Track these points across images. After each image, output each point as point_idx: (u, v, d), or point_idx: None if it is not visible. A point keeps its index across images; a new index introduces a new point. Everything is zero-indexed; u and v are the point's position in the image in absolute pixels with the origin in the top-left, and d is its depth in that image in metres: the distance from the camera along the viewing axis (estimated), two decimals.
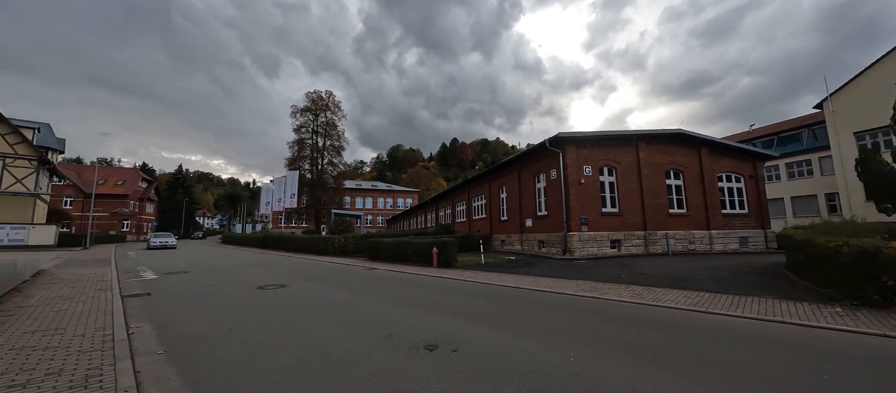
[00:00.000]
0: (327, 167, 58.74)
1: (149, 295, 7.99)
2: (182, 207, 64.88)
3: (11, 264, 7.93)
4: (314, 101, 58.96)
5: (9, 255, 15.87)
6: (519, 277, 10.44)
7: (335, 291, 8.47)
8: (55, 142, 35.50)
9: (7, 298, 7.09)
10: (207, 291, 8.56)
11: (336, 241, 21.15)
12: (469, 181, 26.78)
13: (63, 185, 43.49)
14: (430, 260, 13.66)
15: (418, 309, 6.41)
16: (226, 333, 4.97)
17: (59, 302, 6.83)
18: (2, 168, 26.64)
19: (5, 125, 26.99)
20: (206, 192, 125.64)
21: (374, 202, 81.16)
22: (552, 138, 14.77)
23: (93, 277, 10.64)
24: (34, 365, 3.61)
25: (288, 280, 10.23)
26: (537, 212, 17.18)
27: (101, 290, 8.35)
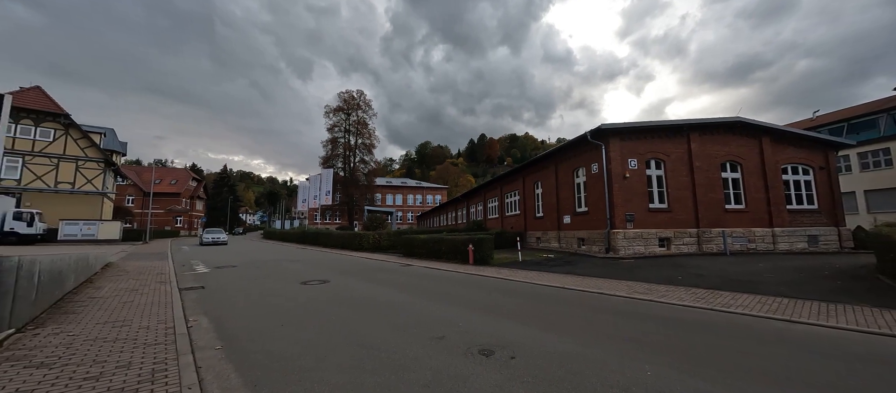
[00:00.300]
0: (359, 165, 60.09)
1: (202, 288, 8.38)
2: (227, 205, 69.13)
3: (85, 257, 8.60)
4: (346, 100, 60.40)
5: (82, 248, 17.51)
6: (561, 276, 9.95)
7: (375, 288, 8.45)
8: (118, 145, 38.83)
9: (81, 288, 7.67)
10: (255, 285, 8.85)
11: (370, 237, 21.48)
12: (501, 177, 26.24)
13: (125, 185, 47.67)
14: (465, 257, 13.44)
15: (463, 309, 6.19)
16: (277, 328, 5.00)
17: (125, 294, 7.29)
18: (75, 170, 29.52)
19: (78, 131, 29.83)
20: (248, 191, 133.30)
21: (404, 199, 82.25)
22: (594, 130, 13.99)
23: (153, 269, 11.39)
24: (106, 356, 3.76)
25: (328, 276, 10.40)
26: (576, 208, 16.42)
27: (160, 282, 8.87)
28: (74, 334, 4.50)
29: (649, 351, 4.01)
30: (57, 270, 6.10)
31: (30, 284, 4.78)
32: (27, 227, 23.87)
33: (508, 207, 24.69)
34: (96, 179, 30.29)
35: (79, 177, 29.58)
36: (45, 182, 28.24)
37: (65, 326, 4.89)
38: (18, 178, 27.27)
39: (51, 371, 3.34)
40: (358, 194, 57.56)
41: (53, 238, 25.90)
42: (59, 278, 6.31)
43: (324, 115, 59.44)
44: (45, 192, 28.07)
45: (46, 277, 5.50)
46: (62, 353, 3.84)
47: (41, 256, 5.41)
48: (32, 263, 4.84)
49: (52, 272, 5.83)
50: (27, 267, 4.65)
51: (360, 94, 61.88)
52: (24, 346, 3.99)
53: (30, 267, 4.74)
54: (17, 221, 23.64)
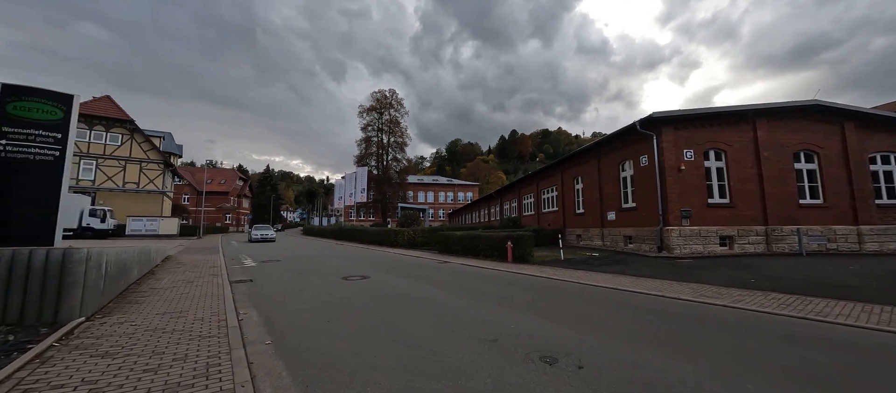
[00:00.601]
0: (391, 163, 61.03)
1: (251, 282, 8.63)
2: (270, 203, 73.14)
3: (147, 251, 9.17)
4: (379, 100, 61.51)
5: (145, 242, 19.05)
6: (611, 276, 9.23)
7: (416, 285, 8.27)
8: (175, 147, 42.17)
9: (144, 279, 8.16)
10: (299, 279, 9.00)
11: (405, 234, 21.56)
12: (538, 173, 25.34)
13: (181, 185, 51.74)
14: (503, 254, 12.99)
15: (511, 309, 5.81)
16: (324, 325, 4.91)
17: (182, 285, 7.64)
18: (139, 171, 32.35)
19: (141, 135, 32.65)
20: (288, 189, 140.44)
21: (436, 196, 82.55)
22: (644, 119, 12.93)
23: (206, 263, 12.03)
24: (164, 348, 3.80)
25: (368, 272, 10.40)
26: (622, 204, 15.37)
27: (213, 275, 9.27)
28: (136, 324, 4.66)
29: (742, 365, 3.42)
30: (122, 262, 6.47)
31: (98, 275, 5.03)
32: (101, 223, 26.46)
33: (545, 204, 23.79)
34: (157, 179, 33.02)
35: (142, 177, 32.39)
36: (115, 182, 31.19)
37: (129, 315, 5.11)
38: (93, 179, 30.32)
39: (114, 362, 3.40)
40: (391, 192, 58.54)
41: (122, 233, 28.54)
42: (124, 270, 6.69)
43: (358, 115, 60.98)
44: (115, 191, 31.01)
45: (113, 269, 5.81)
46: (125, 343, 3.94)
47: (108, 249, 5.72)
48: (100, 255, 5.10)
49: (118, 264, 6.17)
50: (95, 259, 4.88)
51: (392, 93, 62.78)
52: (91, 334, 4.16)
53: (97, 259, 4.99)
54: (93, 217, 26.25)
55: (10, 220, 4.68)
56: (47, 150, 4.98)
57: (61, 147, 5.10)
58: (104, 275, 5.34)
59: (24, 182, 4.79)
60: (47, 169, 4.95)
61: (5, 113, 4.73)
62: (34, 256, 4.39)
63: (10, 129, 4.76)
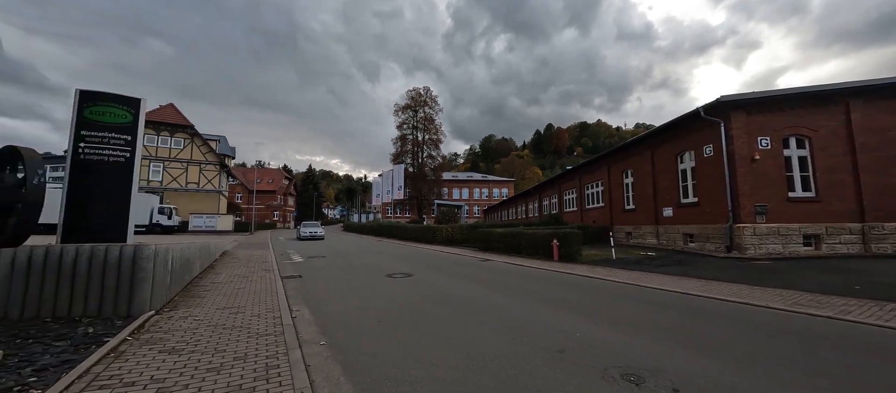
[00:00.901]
0: (426, 160, 61.37)
1: (300, 278, 8.83)
2: (313, 200, 76.77)
3: (207, 246, 9.71)
4: (413, 98, 61.99)
5: (205, 238, 20.54)
6: (676, 279, 8.34)
7: (462, 284, 7.98)
8: (229, 150, 45.36)
9: (205, 274, 8.61)
10: (344, 276, 9.07)
11: (443, 230, 21.42)
12: (581, 167, 24.07)
13: (235, 185, 55.71)
14: (548, 253, 12.35)
15: (571, 313, 5.32)
16: (375, 327, 4.77)
17: (238, 280, 7.96)
18: (199, 172, 35.14)
19: (200, 139, 35.42)
20: (328, 187, 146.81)
21: (470, 193, 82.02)
22: (710, 105, 11.62)
23: (258, 258, 12.61)
24: (225, 346, 3.81)
25: (411, 269, 10.29)
26: (680, 199, 14.04)
27: (265, 270, 9.63)
28: (199, 319, 4.79)
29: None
30: (186, 257, 6.80)
31: (165, 271, 5.27)
32: (168, 220, 29.07)
33: (590, 200, 22.53)
34: (214, 179, 35.68)
35: (202, 177, 35.16)
36: (179, 182, 34.13)
37: (192, 309, 5.30)
38: (161, 180, 33.39)
39: (180, 359, 3.43)
40: (426, 189, 58.99)
41: (185, 229, 31.19)
42: (188, 265, 7.05)
43: (393, 113, 61.88)
44: (178, 190, 33.94)
45: (178, 264, 6.09)
46: (189, 338, 4.02)
47: (173, 246, 6.01)
48: (166, 252, 5.33)
49: (182, 260, 6.48)
50: (162, 255, 5.10)
51: (426, 90, 63.00)
52: (159, 328, 4.31)
53: (164, 255, 5.21)
54: (161, 214, 28.90)
55: (87, 218, 5.01)
56: (119, 152, 5.29)
57: (131, 149, 5.40)
58: (170, 270, 5.60)
59: (100, 182, 5.12)
60: (119, 170, 5.26)
61: (83, 117, 5.08)
62: (109, 251, 4.64)
63: (87, 133, 5.10)
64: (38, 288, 4.39)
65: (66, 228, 4.83)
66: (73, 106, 5.05)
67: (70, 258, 4.52)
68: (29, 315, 4.38)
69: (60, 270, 4.45)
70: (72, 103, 5.18)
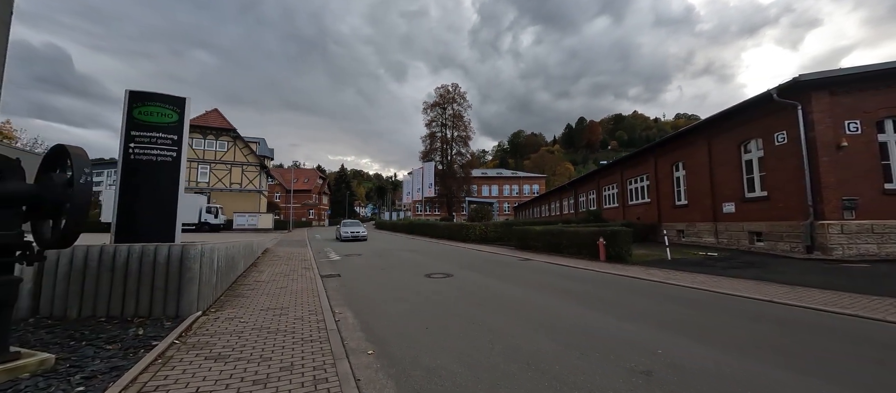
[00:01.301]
0: (456, 157, 60.97)
1: (339, 276, 8.71)
2: (345, 199, 78.98)
3: (250, 245, 9.88)
4: (442, 95, 61.75)
5: (248, 237, 21.42)
6: (752, 284, 7.32)
7: (507, 286, 7.48)
8: (268, 151, 47.44)
9: (249, 272, 8.72)
10: (384, 276, 8.85)
11: (477, 228, 20.92)
12: (623, 160, 22.62)
13: (274, 185, 58.34)
14: (592, 252, 11.52)
15: (638, 324, 4.67)
16: (423, 333, 4.40)
17: (280, 278, 7.95)
18: (242, 173, 36.96)
19: (242, 142, 37.23)
20: (359, 186, 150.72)
21: (500, 190, 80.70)
22: (785, 85, 10.22)
23: (298, 256, 12.79)
24: (270, 353, 3.59)
25: (449, 268, 9.91)
26: (745, 193, 12.61)
27: (305, 268, 9.64)
28: (245, 321, 4.65)
29: None
30: (231, 256, 6.82)
31: (211, 271, 5.22)
32: (214, 218, 30.83)
33: (633, 195, 21.09)
34: (255, 180, 37.39)
35: (244, 178, 36.96)
36: (223, 183, 36.08)
37: (238, 310, 5.21)
38: (208, 181, 35.46)
39: (225, 367, 3.23)
40: (455, 186, 58.65)
41: (230, 227, 32.93)
42: (233, 264, 7.09)
43: (422, 111, 62.00)
44: (223, 191, 35.88)
45: (224, 264, 6.08)
46: (235, 343, 3.85)
47: (219, 245, 6.00)
48: (212, 252, 5.28)
49: (228, 259, 6.49)
50: (208, 255, 5.04)
51: (454, 87, 62.54)
52: (206, 331, 4.19)
53: (210, 255, 5.16)
54: (208, 213, 30.69)
55: (137, 217, 5.06)
56: (166, 152, 5.31)
57: (177, 148, 5.41)
58: (216, 270, 5.57)
59: (148, 182, 5.15)
60: (167, 169, 5.28)
61: (132, 118, 5.14)
62: (158, 251, 4.61)
63: (137, 133, 5.15)
64: (94, 287, 4.44)
65: (119, 227, 4.91)
66: (123, 107, 5.12)
67: (122, 258, 4.53)
68: (86, 314, 4.44)
69: (114, 270, 4.47)
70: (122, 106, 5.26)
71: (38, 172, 3.07)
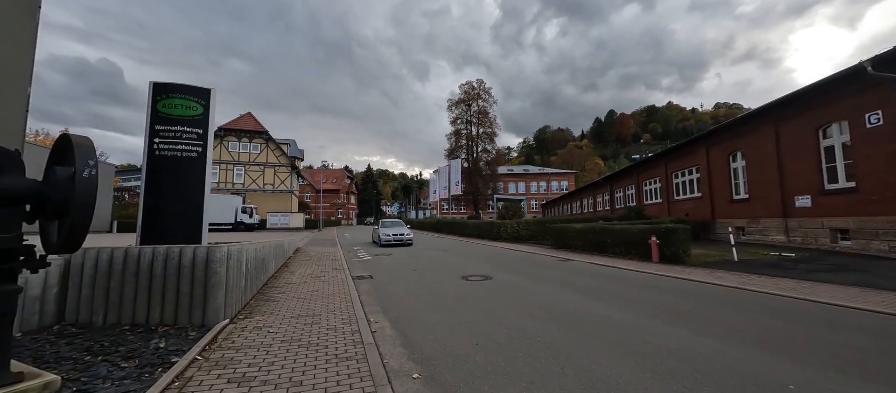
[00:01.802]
0: (481, 154, 59.96)
1: (371, 278, 8.24)
2: (372, 198, 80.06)
3: (281, 245, 9.66)
4: (467, 91, 60.85)
5: (280, 237, 21.74)
6: (858, 291, 6.09)
7: (556, 291, 6.68)
8: (298, 152, 48.70)
9: (279, 273, 8.45)
10: (417, 277, 8.30)
11: (508, 226, 20.04)
12: (668, 152, 20.91)
13: (304, 185, 59.96)
14: (642, 252, 10.45)
15: (742, 346, 3.76)
16: (473, 350, 3.74)
17: (311, 280, 7.59)
18: (274, 174, 38.01)
19: (273, 143, 38.27)
20: (385, 185, 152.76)
21: (527, 187, 78.74)
22: (883, 55, 8.65)
23: (328, 255, 12.55)
24: (301, 374, 3.07)
25: (485, 270, 9.22)
26: (825, 184, 10.99)
27: (336, 268, 9.28)
28: (273, 331, 4.21)
29: None
30: (261, 258, 6.50)
31: (239, 274, 4.84)
32: (249, 218, 31.82)
33: (680, 189, 19.38)
34: (286, 180, 38.35)
35: (276, 178, 37.99)
36: (257, 184, 37.26)
37: (267, 317, 4.80)
38: (242, 182, 36.75)
39: (251, 391, 2.72)
40: (482, 184, 57.65)
41: (264, 226, 33.92)
42: (263, 265, 6.78)
43: (447, 109, 61.39)
44: (257, 191, 37.05)
45: (253, 267, 5.73)
46: (262, 360, 3.37)
47: (249, 245, 5.64)
48: (241, 253, 4.90)
49: (257, 261, 6.16)
50: (235, 257, 4.65)
51: (479, 83, 61.39)
52: (231, 344, 3.75)
53: (238, 257, 4.78)
54: (244, 213, 31.71)
55: (162, 217, 4.76)
56: (191, 147, 4.99)
57: (203, 143, 5.08)
58: (245, 272, 5.20)
59: (173, 178, 4.84)
60: (192, 165, 4.95)
61: (156, 111, 4.85)
62: (183, 254, 4.26)
63: (161, 128, 4.86)
64: (118, 293, 4.14)
65: (145, 228, 4.64)
66: (147, 100, 4.85)
67: (147, 261, 4.21)
68: (111, 321, 4.15)
69: (138, 275, 4.16)
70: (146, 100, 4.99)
71: (45, 167, 2.67)
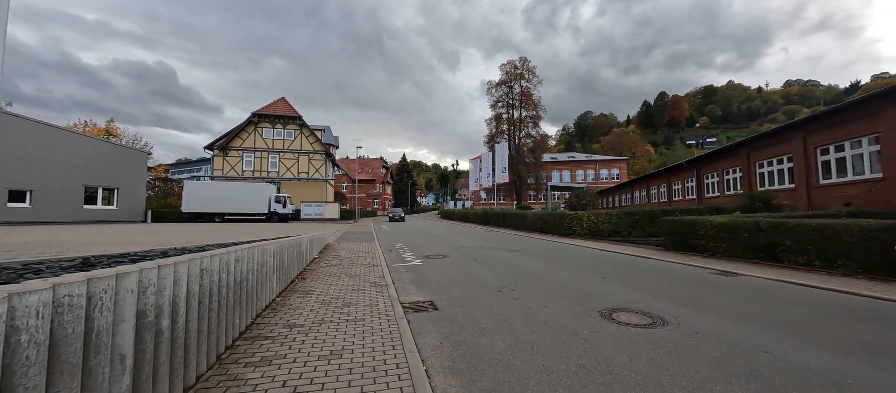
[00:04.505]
0: (524, 140, 55.09)
1: (435, 308, 4.77)
2: (408, 188, 77.95)
3: (298, 246, 6.49)
4: (508, 72, 56.02)
5: (313, 227, 19.20)
6: None
7: (825, 361, 2.78)
8: (332, 139, 46.96)
9: (288, 294, 5.23)
10: (511, 309, 4.71)
11: (583, 218, 15.88)
12: (804, 122, 15.60)
13: (340, 175, 58.67)
14: (873, 264, 6.13)
15: None
16: None
17: (333, 310, 4.29)
18: (308, 162, 36.17)
19: (308, 130, 36.37)
20: (419, 176, 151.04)
21: (572, 175, 72.60)
22: None
23: (364, 259, 9.35)
24: None
25: (625, 295, 5.45)
26: None
27: (375, 285, 5.96)
28: None
29: None
30: (243, 281, 3.24)
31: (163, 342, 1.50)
32: (283, 208, 30.00)
33: (830, 169, 14.16)
34: (321, 169, 36.39)
35: (310, 167, 36.14)
36: (292, 172, 35.61)
37: None
38: (277, 170, 35.24)
39: None
40: (525, 172, 52.91)
41: (298, 218, 32.11)
42: (247, 294, 3.53)
43: (486, 92, 57.01)
44: (292, 180, 35.40)
45: (219, 303, 2.44)
46: None
47: (232, 256, 2.36)
48: (161, 298, 1.60)
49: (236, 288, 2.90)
50: (154, 310, 1.30)
51: (523, 62, 56.12)
52: None
53: (154, 307, 1.45)
54: (277, 203, 29.93)
55: None
56: None
57: None
58: (180, 337, 1.94)
59: None
60: None
61: None
62: None
63: None
64: None
65: None
66: None
67: None
68: None
69: None
70: None
71: None
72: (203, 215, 28.07)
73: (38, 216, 19.07)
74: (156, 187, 36.00)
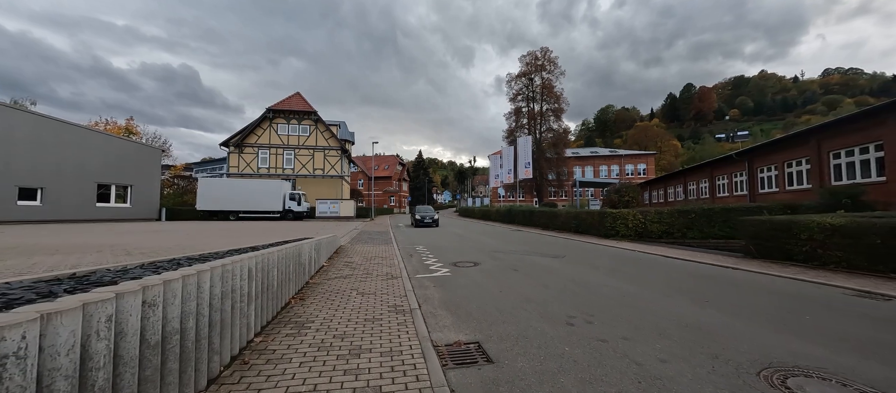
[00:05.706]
0: (545, 134, 52.60)
1: (485, 355, 3.18)
2: (425, 186, 76.69)
3: (297, 256, 5.04)
4: (529, 63, 53.61)
5: (326, 227, 18.00)
6: None
7: None
8: (348, 135, 45.99)
9: (277, 326, 3.77)
10: (591, 354, 3.09)
11: (628, 217, 13.92)
12: (891, 105, 13.11)
13: (356, 172, 57.92)
14: None
15: None
16: None
17: (336, 357, 2.77)
18: (323, 158, 35.25)
19: (323, 125, 35.43)
20: (435, 174, 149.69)
21: (595, 171, 69.36)
22: None
23: (380, 266, 7.86)
24: None
25: (745, 333, 3.72)
26: None
27: (394, 309, 4.44)
28: None
29: None
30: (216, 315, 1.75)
31: None
32: (297, 206, 29.10)
33: None
34: (337, 165, 35.41)
35: (326, 163, 35.21)
36: (307, 169, 34.77)
37: None
38: (293, 167, 34.47)
39: None
40: (546, 167, 50.51)
41: (313, 215, 31.18)
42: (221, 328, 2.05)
43: (505, 84, 54.77)
44: (307, 177, 34.57)
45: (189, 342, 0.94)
46: None
47: (197, 275, 0.88)
48: None
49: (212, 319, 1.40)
50: None
51: (544, 52, 53.46)
52: None
53: None
54: (292, 200, 29.05)
55: None
56: None
57: None
58: None
59: None
60: None
61: None
62: None
63: None
64: None
65: None
66: None
67: None
68: None
69: None
70: None
71: None
72: (217, 214, 27.48)
73: (49, 215, 18.65)
74: (173, 185, 35.92)
